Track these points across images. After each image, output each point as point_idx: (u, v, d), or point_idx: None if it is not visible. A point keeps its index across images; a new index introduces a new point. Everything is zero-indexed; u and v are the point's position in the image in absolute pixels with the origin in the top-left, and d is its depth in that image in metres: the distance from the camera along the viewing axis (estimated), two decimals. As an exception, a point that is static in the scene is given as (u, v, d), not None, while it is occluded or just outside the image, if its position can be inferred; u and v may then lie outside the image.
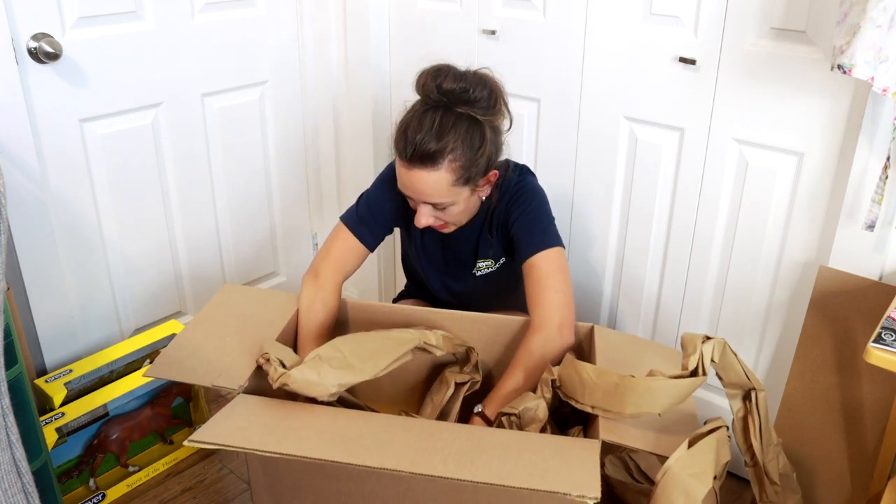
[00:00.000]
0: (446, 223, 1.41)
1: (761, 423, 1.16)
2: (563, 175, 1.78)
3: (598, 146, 1.70)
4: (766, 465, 1.19)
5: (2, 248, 1.11)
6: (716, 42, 1.46)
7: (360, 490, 1.15)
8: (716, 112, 1.50)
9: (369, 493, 1.15)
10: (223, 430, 1.08)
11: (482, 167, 1.34)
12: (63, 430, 1.54)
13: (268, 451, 1.03)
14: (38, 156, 1.63)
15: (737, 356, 1.14)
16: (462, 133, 1.29)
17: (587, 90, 1.67)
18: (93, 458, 1.61)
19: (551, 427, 1.26)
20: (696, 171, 1.57)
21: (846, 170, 1.36)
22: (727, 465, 1.09)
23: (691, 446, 1.06)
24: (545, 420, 1.22)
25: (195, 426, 1.80)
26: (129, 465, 1.69)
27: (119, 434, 1.65)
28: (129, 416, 1.66)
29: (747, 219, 1.53)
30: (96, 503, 1.63)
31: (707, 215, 1.58)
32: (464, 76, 1.30)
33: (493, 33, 1.79)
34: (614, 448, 1.26)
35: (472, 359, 1.37)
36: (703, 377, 1.10)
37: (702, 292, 1.65)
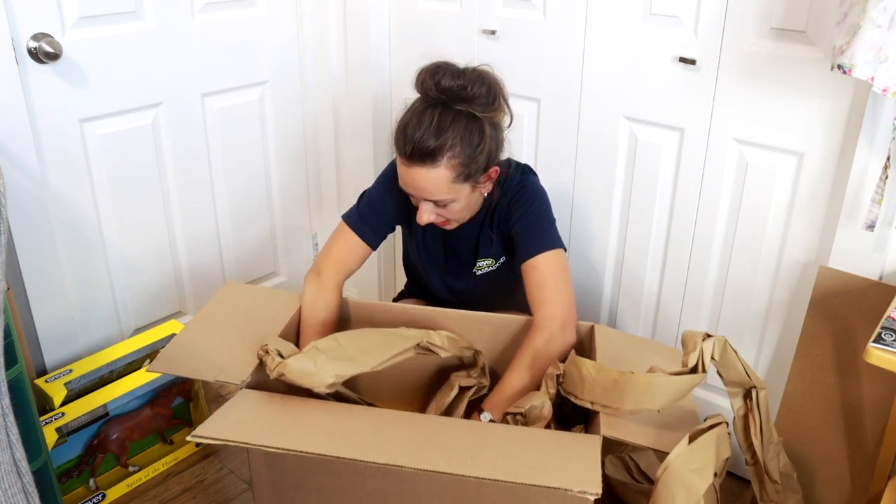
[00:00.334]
0: (448, 220, 1.41)
1: (762, 421, 1.17)
2: (563, 175, 1.78)
3: (598, 146, 1.70)
4: (766, 463, 1.19)
5: (2, 248, 1.11)
6: (716, 42, 1.46)
7: (363, 486, 1.15)
8: (716, 112, 1.50)
9: (372, 489, 1.15)
10: (225, 426, 1.09)
11: (482, 164, 1.34)
12: (63, 430, 1.54)
13: (270, 447, 1.03)
14: (38, 156, 1.63)
15: (737, 354, 1.14)
16: (461, 130, 1.29)
17: (587, 90, 1.68)
18: (93, 458, 1.61)
19: (554, 425, 1.26)
20: (696, 171, 1.57)
21: (846, 170, 1.36)
22: (727, 461, 1.09)
23: (692, 442, 1.06)
24: (549, 418, 1.22)
25: (195, 426, 1.80)
26: (129, 465, 1.69)
27: (119, 434, 1.65)
28: (129, 416, 1.66)
29: (747, 219, 1.53)
30: (96, 503, 1.63)
31: (707, 215, 1.58)
32: (462, 73, 1.31)
33: (493, 33, 1.79)
34: (614, 448, 1.26)
35: (480, 362, 1.37)
36: (703, 374, 1.10)
37: (702, 292, 1.65)
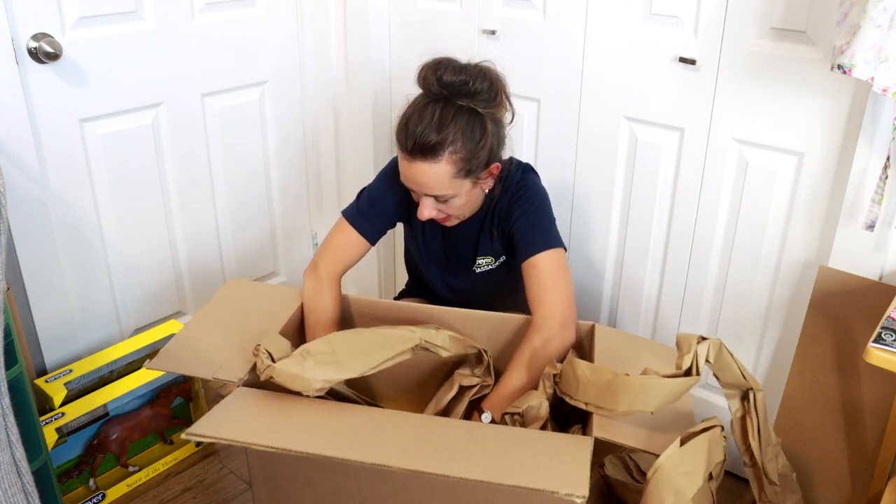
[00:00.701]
0: (449, 216, 1.41)
1: (759, 423, 1.17)
2: (564, 175, 1.78)
3: (598, 146, 1.70)
4: (764, 465, 1.19)
5: (2, 248, 1.11)
6: (716, 42, 1.46)
7: (357, 484, 1.15)
8: (716, 112, 1.50)
9: (366, 487, 1.15)
10: (220, 423, 1.09)
11: (483, 159, 1.34)
12: (63, 430, 1.54)
13: (261, 445, 1.04)
14: (38, 156, 1.63)
15: (733, 356, 1.14)
16: (462, 125, 1.29)
17: (587, 90, 1.68)
18: (93, 458, 1.62)
19: (552, 425, 1.26)
20: (696, 171, 1.57)
21: (846, 170, 1.36)
22: (723, 464, 1.09)
23: (683, 445, 1.06)
24: (546, 418, 1.22)
25: (195, 426, 1.80)
26: (129, 465, 1.69)
27: (119, 434, 1.65)
28: (129, 416, 1.66)
29: (747, 219, 1.53)
30: (96, 503, 1.63)
31: (707, 215, 1.58)
32: (464, 69, 1.31)
33: (493, 33, 1.79)
34: (615, 448, 1.26)
35: (485, 361, 1.37)
36: (697, 377, 1.10)
37: (702, 292, 1.65)
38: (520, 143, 1.82)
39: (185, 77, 1.86)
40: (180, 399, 1.77)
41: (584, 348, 1.42)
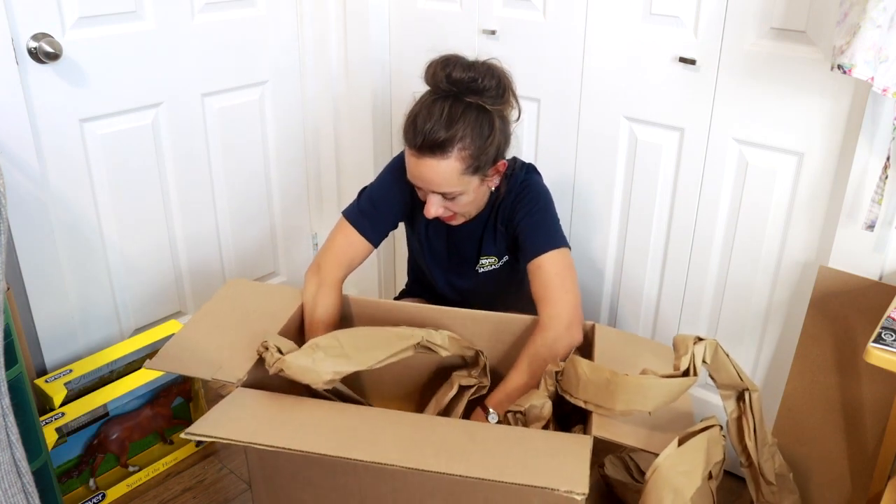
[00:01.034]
0: (455, 214, 1.41)
1: (755, 423, 1.17)
2: (564, 175, 1.78)
3: (598, 146, 1.70)
4: (761, 465, 1.19)
5: (2, 248, 1.11)
6: (716, 42, 1.46)
7: (357, 483, 1.15)
8: (716, 112, 1.50)
9: (366, 486, 1.15)
10: (219, 423, 1.09)
11: (491, 156, 1.34)
12: (63, 430, 1.54)
13: (261, 444, 1.04)
14: (38, 156, 1.63)
15: (729, 357, 1.14)
16: (471, 122, 1.29)
17: (587, 90, 1.68)
18: (93, 458, 1.62)
19: (553, 424, 1.26)
20: (696, 171, 1.57)
21: (846, 170, 1.36)
22: (722, 464, 1.10)
23: (681, 444, 1.06)
24: (549, 417, 1.22)
25: (195, 426, 1.80)
26: (129, 465, 1.69)
27: (119, 434, 1.65)
28: (129, 416, 1.66)
29: (747, 219, 1.53)
30: (96, 503, 1.64)
31: (707, 215, 1.58)
32: (473, 66, 1.31)
33: (493, 33, 1.79)
34: (615, 447, 1.26)
35: (481, 362, 1.37)
36: (695, 378, 1.10)
37: (702, 292, 1.65)
38: (520, 143, 1.82)
39: (185, 77, 1.86)
40: (180, 399, 1.77)
41: (584, 348, 1.42)
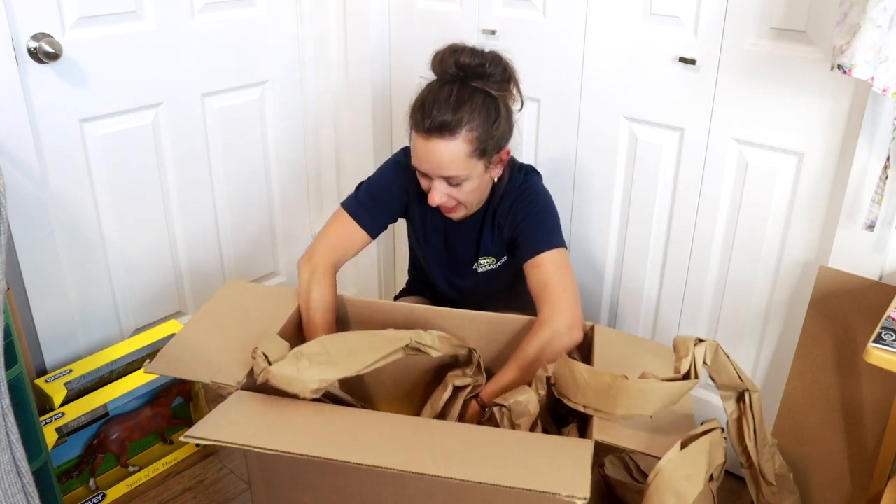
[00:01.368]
0: (458, 204, 1.41)
1: (755, 424, 1.16)
2: (563, 175, 1.78)
3: (598, 146, 1.70)
4: (761, 466, 1.19)
5: (2, 248, 1.11)
6: (716, 42, 1.46)
7: (357, 485, 1.15)
8: (716, 112, 1.50)
9: (366, 488, 1.15)
10: (219, 426, 1.09)
11: (497, 141, 1.35)
12: (63, 430, 1.54)
13: (261, 448, 1.03)
14: (38, 156, 1.63)
15: (729, 358, 1.14)
16: (478, 105, 1.31)
17: (587, 90, 1.68)
18: (93, 458, 1.62)
19: (545, 422, 1.26)
20: (696, 171, 1.57)
21: (846, 170, 1.36)
22: (723, 466, 1.09)
23: (684, 448, 1.06)
24: (536, 415, 1.22)
25: (195, 426, 1.80)
26: (129, 465, 1.69)
27: (119, 434, 1.65)
28: (129, 416, 1.66)
29: (747, 219, 1.53)
30: (96, 503, 1.64)
31: (707, 215, 1.58)
32: (480, 53, 1.34)
33: (493, 33, 1.79)
34: (614, 448, 1.26)
35: (475, 360, 1.37)
36: (696, 380, 1.10)
37: (702, 292, 1.65)
38: (520, 143, 1.82)
39: (185, 77, 1.86)
40: (180, 399, 1.77)
41: (583, 349, 1.42)
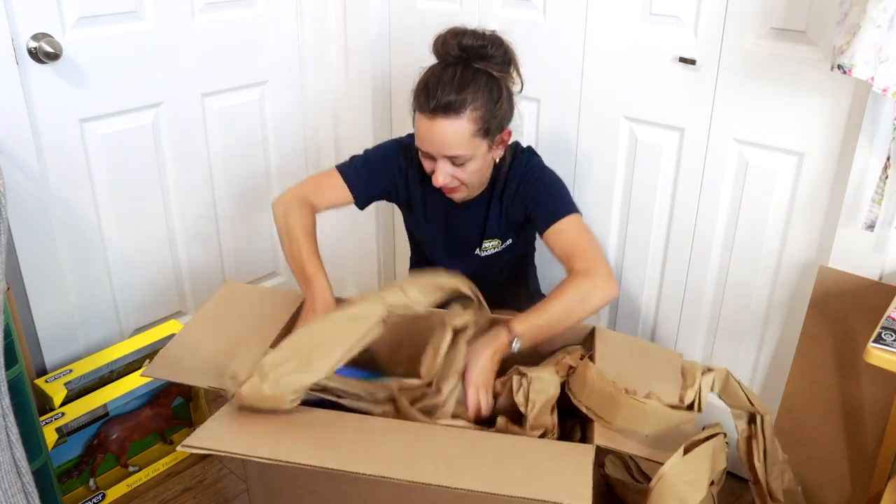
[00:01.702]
0: (460, 185, 1.41)
1: (766, 445, 1.16)
2: (563, 175, 1.77)
3: (599, 146, 1.70)
4: (769, 483, 1.18)
5: (2, 248, 1.11)
6: (716, 42, 1.46)
7: (356, 491, 1.15)
8: (716, 112, 1.50)
9: (365, 493, 1.15)
10: (216, 435, 1.08)
11: (499, 120, 1.37)
12: (63, 430, 1.54)
13: (259, 457, 1.02)
14: (38, 156, 1.63)
15: (740, 384, 1.13)
16: (482, 85, 1.33)
17: (587, 90, 1.68)
18: (93, 458, 1.62)
19: (556, 412, 1.24)
20: (696, 171, 1.57)
21: (846, 170, 1.36)
22: (724, 471, 1.09)
23: (687, 453, 1.05)
24: (556, 396, 1.18)
25: (195, 426, 1.80)
26: (129, 465, 1.69)
27: (119, 434, 1.65)
28: (129, 416, 1.66)
29: (747, 219, 1.53)
30: (96, 503, 1.64)
31: (707, 215, 1.58)
32: (482, 35, 1.36)
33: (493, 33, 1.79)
34: (614, 450, 1.26)
35: (472, 298, 1.26)
36: (698, 412, 1.09)
37: (702, 292, 1.65)
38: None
39: (185, 77, 1.86)
40: (180, 399, 1.77)
41: (584, 351, 1.42)
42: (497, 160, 1.45)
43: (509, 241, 1.53)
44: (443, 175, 1.38)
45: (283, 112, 2.13)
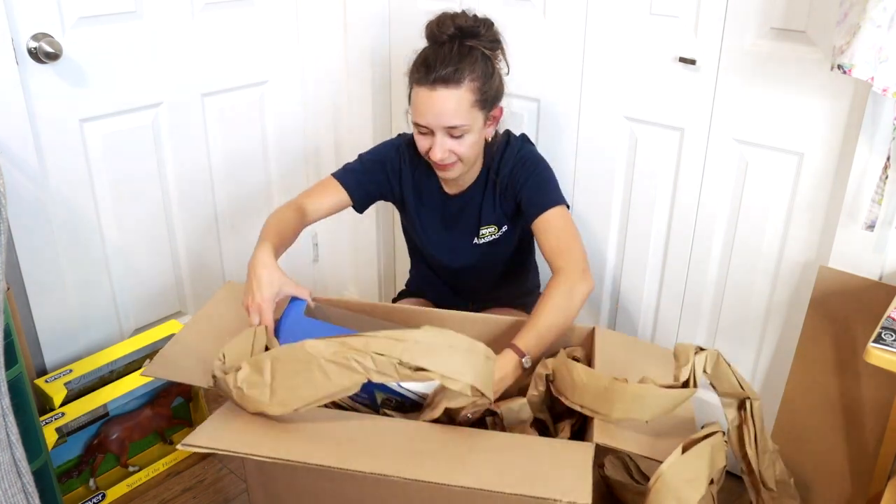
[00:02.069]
0: (457, 160, 1.43)
1: (756, 431, 1.16)
2: (563, 175, 1.78)
3: (598, 146, 1.70)
4: (762, 472, 1.18)
5: (2, 248, 1.11)
6: (716, 42, 1.46)
7: (356, 490, 1.15)
8: (716, 112, 1.50)
9: (365, 493, 1.15)
10: (216, 434, 1.08)
11: (494, 93, 1.43)
12: (63, 430, 1.54)
13: (260, 455, 1.03)
14: (38, 156, 1.63)
15: (730, 366, 1.13)
16: (477, 59, 1.39)
17: (587, 90, 1.67)
18: (93, 458, 1.62)
19: (543, 419, 1.25)
20: (696, 171, 1.57)
21: (846, 170, 1.36)
22: (724, 469, 1.09)
23: (685, 452, 1.05)
24: (528, 421, 1.22)
25: (195, 426, 1.80)
26: (129, 465, 1.69)
27: (119, 434, 1.65)
28: (129, 416, 1.66)
29: (747, 219, 1.53)
30: (96, 503, 1.64)
31: (707, 215, 1.58)
32: (474, 17, 1.43)
33: (493, 33, 1.79)
34: (615, 449, 1.26)
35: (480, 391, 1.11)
36: (694, 389, 1.09)
37: (702, 292, 1.65)
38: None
39: (185, 77, 1.86)
40: (180, 399, 1.77)
41: (584, 351, 1.42)
42: (489, 139, 1.48)
43: (505, 228, 1.54)
44: (440, 149, 1.40)
45: (283, 112, 2.13)
